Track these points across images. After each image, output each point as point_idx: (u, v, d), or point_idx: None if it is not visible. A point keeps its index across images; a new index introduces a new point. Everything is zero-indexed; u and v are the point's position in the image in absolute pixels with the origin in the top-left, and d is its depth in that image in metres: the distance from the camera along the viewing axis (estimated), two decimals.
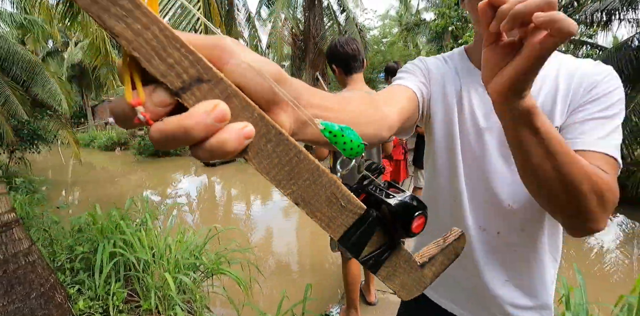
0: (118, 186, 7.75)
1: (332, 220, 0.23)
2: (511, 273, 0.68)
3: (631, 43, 6.62)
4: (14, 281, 1.37)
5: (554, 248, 0.69)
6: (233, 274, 1.96)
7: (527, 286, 0.68)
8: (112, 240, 2.07)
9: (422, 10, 13.69)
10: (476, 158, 0.66)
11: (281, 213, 5.63)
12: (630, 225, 5.01)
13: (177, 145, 0.18)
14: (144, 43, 0.16)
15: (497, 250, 0.68)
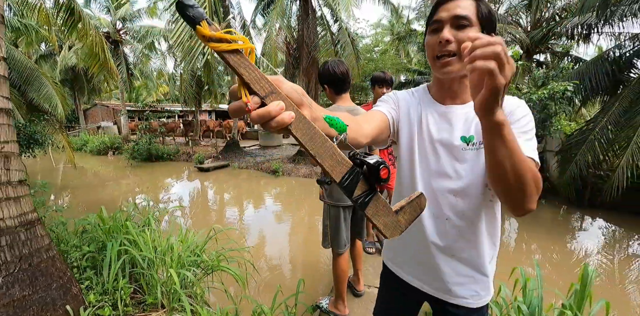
0: (112, 190, 7.81)
1: (333, 168, 0.43)
2: (456, 250, 0.88)
3: (607, 56, 7.01)
4: (37, 274, 1.52)
5: (492, 234, 0.89)
6: (232, 270, 2.13)
7: (467, 260, 0.89)
8: (118, 240, 2.22)
9: (413, 19, 14.12)
10: (430, 163, 0.88)
11: (274, 216, 5.79)
12: (608, 227, 5.31)
13: (263, 120, 0.39)
14: (252, 78, 0.39)
15: (446, 232, 0.88)
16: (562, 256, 4.15)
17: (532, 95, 4.92)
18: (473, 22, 0.76)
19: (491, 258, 0.91)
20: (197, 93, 15.74)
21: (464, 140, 0.83)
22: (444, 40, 0.76)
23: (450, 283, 0.90)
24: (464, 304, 0.91)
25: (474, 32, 0.75)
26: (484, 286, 0.91)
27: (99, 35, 5.70)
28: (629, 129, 4.92)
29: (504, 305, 1.38)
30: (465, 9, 0.76)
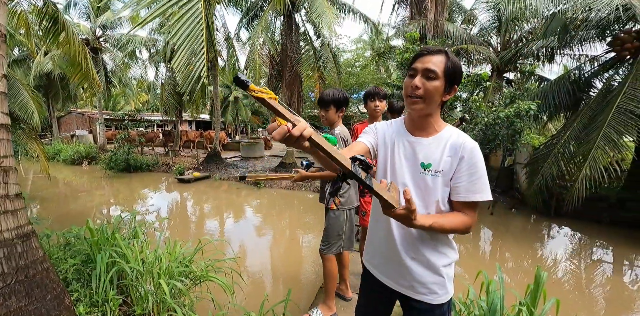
0: (86, 201, 7.59)
1: (343, 163, 0.72)
2: (416, 252, 1.09)
3: (569, 77, 7.62)
4: (33, 285, 1.54)
5: (446, 243, 1.11)
6: (220, 280, 2.20)
7: (426, 262, 1.09)
8: (107, 252, 2.25)
9: (392, 36, 14.74)
10: (397, 180, 1.12)
11: (257, 227, 5.83)
12: (573, 235, 5.69)
13: (299, 132, 0.66)
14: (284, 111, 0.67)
15: (409, 238, 1.10)
16: (532, 261, 4.44)
17: (500, 113, 5.31)
18: (439, 75, 0.99)
19: (448, 263, 1.11)
20: (178, 103, 15.62)
21: (423, 166, 1.06)
22: (414, 86, 1.01)
23: (412, 280, 1.11)
24: (424, 300, 1.10)
25: (440, 83, 1.00)
26: (441, 286, 1.10)
27: (82, 44, 5.68)
28: (588, 144, 5.35)
29: (470, 305, 1.56)
30: (434, 65, 0.99)
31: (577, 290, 3.64)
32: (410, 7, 10.03)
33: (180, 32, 1.59)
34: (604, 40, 6.96)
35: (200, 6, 1.62)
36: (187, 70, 1.71)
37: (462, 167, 1.01)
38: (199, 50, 1.64)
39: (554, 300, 1.50)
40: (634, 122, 5.05)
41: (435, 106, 1.04)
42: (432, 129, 1.07)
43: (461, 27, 10.74)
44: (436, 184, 1.04)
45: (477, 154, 1.02)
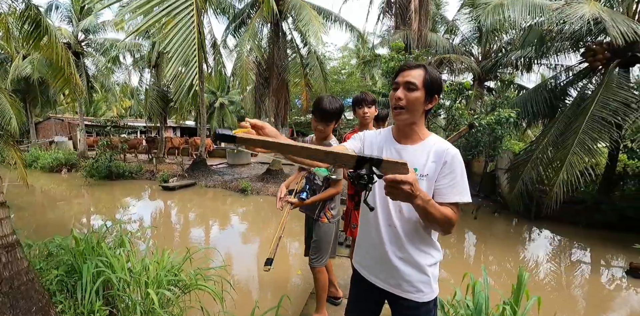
0: (65, 210, 7.35)
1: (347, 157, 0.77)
2: (403, 252, 1.17)
3: (546, 85, 7.96)
4: (18, 296, 1.50)
5: (431, 243, 1.19)
6: (210, 288, 2.19)
7: (412, 262, 1.16)
8: (93, 262, 2.20)
9: (378, 45, 15.06)
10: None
11: (244, 234, 5.78)
12: (553, 237, 5.89)
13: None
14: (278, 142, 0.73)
15: (396, 238, 1.17)
16: (515, 264, 4.56)
17: (481, 120, 5.50)
18: (419, 87, 1.09)
19: (433, 262, 1.19)
20: (163, 109, 15.41)
21: None
22: (397, 97, 1.11)
23: (400, 279, 1.18)
24: (411, 298, 1.17)
25: (420, 94, 1.10)
26: (427, 285, 1.17)
27: (65, 49, 5.57)
28: (564, 149, 5.59)
29: (457, 305, 1.61)
30: (414, 78, 1.10)
31: (557, 289, 3.77)
32: (395, 17, 10.31)
33: (174, 41, 1.61)
34: (578, 51, 7.33)
35: (193, 15, 1.65)
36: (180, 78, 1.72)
37: (444, 171, 1.09)
38: (191, 59, 1.66)
39: (536, 298, 1.58)
40: (607, 129, 5.32)
41: (418, 115, 1.13)
42: (417, 137, 1.16)
43: (444, 37, 11.09)
44: (421, 187, 1.10)
45: (458, 159, 1.11)
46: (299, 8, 8.91)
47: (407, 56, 5.86)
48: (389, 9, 11.09)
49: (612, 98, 5.52)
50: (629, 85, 5.77)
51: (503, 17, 6.42)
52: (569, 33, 6.50)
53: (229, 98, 25.95)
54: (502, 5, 6.48)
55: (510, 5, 6.40)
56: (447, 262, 4.69)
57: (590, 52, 6.41)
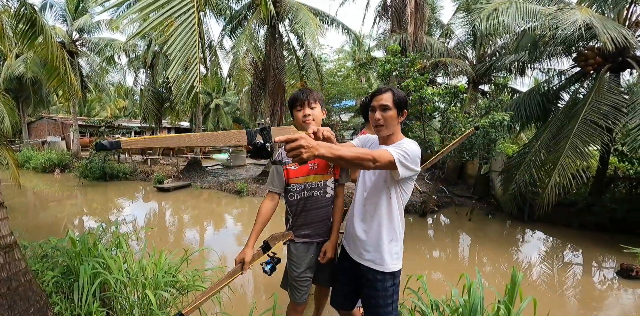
0: (58, 211, 7.28)
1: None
2: (367, 226, 1.49)
3: (539, 89, 8.07)
4: (16, 297, 1.49)
5: (391, 221, 1.45)
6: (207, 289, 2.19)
7: (373, 235, 1.47)
8: (90, 263, 2.20)
9: (374, 48, 15.16)
10: (363, 175, 1.57)
11: (240, 236, 5.77)
12: (546, 239, 5.96)
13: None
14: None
15: (364, 212, 1.51)
16: (509, 264, 4.62)
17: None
18: (391, 107, 1.39)
19: (391, 239, 1.46)
20: (158, 110, 15.34)
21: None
22: (377, 119, 1.43)
23: (361, 248, 1.50)
24: (370, 265, 1.47)
25: (393, 112, 1.40)
26: (381, 256, 1.45)
27: (60, 48, 5.53)
28: (557, 152, 5.68)
29: (453, 305, 1.64)
30: (386, 100, 1.40)
31: (551, 289, 3.82)
32: (391, 20, 10.40)
33: (175, 43, 1.62)
34: (570, 55, 7.47)
35: (194, 17, 1.66)
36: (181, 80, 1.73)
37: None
38: (192, 61, 1.67)
39: (531, 299, 1.61)
40: (598, 133, 5.42)
41: (393, 128, 1.43)
42: (391, 142, 1.47)
43: (439, 41, 11.21)
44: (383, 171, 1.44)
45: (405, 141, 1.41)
46: (295, 10, 8.95)
47: (403, 59, 5.92)
48: (385, 12, 11.19)
49: (603, 102, 5.63)
50: (619, 90, 5.89)
51: (497, 21, 6.51)
52: (561, 38, 6.61)
53: (225, 99, 25.89)
54: (496, 10, 6.57)
55: (504, 10, 6.49)
56: (441, 263, 4.73)
57: (582, 57, 6.53)
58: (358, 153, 1.12)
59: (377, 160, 1.18)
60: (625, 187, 7.26)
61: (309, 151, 0.94)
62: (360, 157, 1.13)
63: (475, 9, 8.09)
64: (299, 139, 0.93)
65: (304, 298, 1.82)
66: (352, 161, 1.11)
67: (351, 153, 1.09)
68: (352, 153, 1.09)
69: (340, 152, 1.05)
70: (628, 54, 6.13)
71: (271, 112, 10.01)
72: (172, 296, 2.12)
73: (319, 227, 1.78)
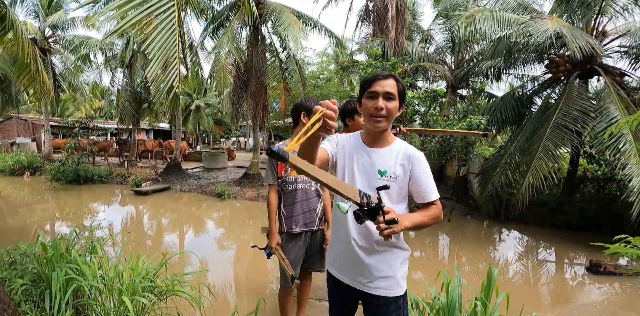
0: (28, 216, 6.94)
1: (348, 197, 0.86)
2: (372, 251, 1.21)
3: (514, 94, 8.39)
4: None
5: (398, 241, 1.23)
6: (188, 293, 2.14)
7: (380, 260, 1.22)
8: (62, 270, 2.11)
9: (356, 51, 15.34)
10: (354, 184, 1.23)
11: (221, 239, 5.68)
12: (521, 237, 6.18)
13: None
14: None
15: (365, 234, 1.21)
16: (486, 262, 4.76)
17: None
18: (396, 96, 1.16)
19: (402, 260, 1.25)
20: (136, 111, 14.88)
21: (379, 172, 1.20)
22: (379, 107, 1.14)
23: (369, 276, 1.21)
24: (380, 294, 1.21)
25: (397, 103, 1.18)
26: (395, 281, 1.22)
27: (31, 45, 5.30)
28: (530, 155, 5.92)
29: (432, 303, 1.68)
30: (392, 88, 1.16)
31: (525, 285, 3.97)
32: (373, 25, 10.57)
33: (155, 41, 1.59)
34: (542, 62, 7.81)
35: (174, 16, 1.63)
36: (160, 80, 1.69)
37: (416, 175, 1.20)
38: (172, 61, 1.64)
39: (505, 294, 1.67)
40: (569, 136, 5.69)
41: (391, 122, 1.22)
42: (385, 141, 1.24)
43: (419, 46, 11.47)
44: (392, 188, 1.18)
45: (425, 162, 1.23)
46: (278, 12, 8.95)
47: (384, 63, 6.03)
48: (367, 17, 11.36)
49: (573, 107, 5.91)
50: (587, 96, 6.21)
51: (474, 28, 6.74)
52: (534, 45, 6.91)
53: (206, 100, 25.47)
54: (473, 18, 6.80)
55: (481, 17, 6.72)
56: (422, 263, 4.82)
57: (553, 64, 6.85)
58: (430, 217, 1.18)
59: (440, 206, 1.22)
60: (593, 188, 7.64)
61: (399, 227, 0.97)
62: (433, 220, 1.18)
63: (454, 15, 8.34)
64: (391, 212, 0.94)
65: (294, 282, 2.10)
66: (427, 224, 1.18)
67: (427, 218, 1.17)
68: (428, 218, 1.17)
69: (417, 219, 1.14)
70: (595, 61, 6.47)
71: (253, 114, 9.93)
72: (151, 302, 2.06)
73: (306, 217, 2.10)
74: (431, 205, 1.20)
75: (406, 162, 1.20)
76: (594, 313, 3.35)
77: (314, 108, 0.77)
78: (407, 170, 1.19)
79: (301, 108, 2.02)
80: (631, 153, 4.84)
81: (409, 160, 1.19)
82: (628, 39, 6.73)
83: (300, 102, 2.08)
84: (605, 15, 6.64)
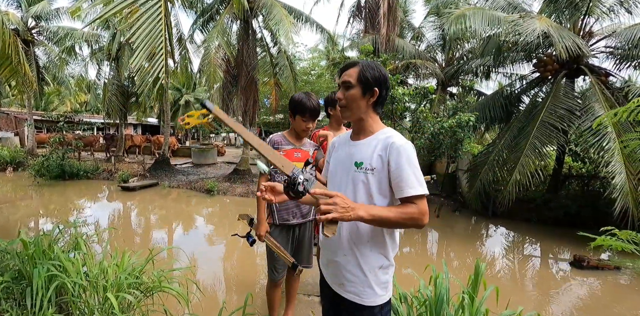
0: (10, 213, 6.75)
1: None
2: (347, 250, 1.14)
3: (502, 92, 8.50)
4: None
5: (380, 245, 1.13)
6: (174, 289, 2.11)
7: (355, 262, 1.13)
8: (44, 266, 2.05)
9: (347, 48, 15.29)
10: (334, 178, 1.24)
11: (208, 236, 5.63)
12: (508, 233, 6.30)
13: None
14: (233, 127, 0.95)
15: (340, 233, 1.14)
16: (474, 258, 4.84)
17: (444, 123, 5.78)
18: (354, 84, 1.12)
19: (379, 266, 1.13)
20: (123, 105, 14.57)
21: (356, 164, 1.14)
22: (338, 98, 1.17)
23: (342, 278, 1.15)
24: (351, 299, 1.13)
25: (356, 91, 1.13)
26: (369, 288, 1.11)
27: (13, 35, 5.10)
28: (517, 152, 6.02)
29: (420, 297, 1.70)
30: (349, 76, 1.13)
31: (511, 279, 4.07)
32: (365, 21, 10.54)
33: (139, 31, 1.53)
34: (530, 61, 7.92)
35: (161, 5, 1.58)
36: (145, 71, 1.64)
37: (392, 165, 1.06)
38: (158, 51, 1.59)
39: (494, 287, 1.70)
40: (555, 134, 5.80)
41: (361, 111, 1.14)
42: (367, 132, 1.17)
43: (410, 43, 11.51)
44: (369, 180, 1.10)
45: (404, 151, 1.06)
46: (270, 6, 8.84)
47: (375, 59, 6.03)
48: (359, 13, 11.33)
49: (559, 106, 6.02)
50: (573, 95, 6.33)
51: (465, 26, 6.78)
52: (522, 44, 7.00)
53: (195, 95, 25.10)
54: (464, 16, 6.83)
55: (471, 15, 6.76)
56: (411, 258, 4.87)
57: (541, 63, 6.95)
58: (402, 216, 1.01)
59: (423, 207, 1.04)
60: (578, 185, 7.83)
61: (345, 212, 0.91)
62: (406, 219, 1.02)
63: (445, 13, 8.37)
64: (336, 197, 0.91)
65: (281, 275, 2.14)
66: (399, 223, 1.03)
67: (398, 215, 1.00)
68: (399, 216, 1.00)
69: (381, 213, 0.99)
70: (582, 61, 6.59)
71: (243, 109, 9.83)
72: (136, 298, 2.03)
73: (297, 209, 2.11)
74: (409, 203, 1.04)
75: (384, 152, 1.08)
76: (578, 305, 3.44)
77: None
78: (384, 161, 1.08)
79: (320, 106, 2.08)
80: (614, 151, 4.96)
81: (386, 150, 1.08)
82: (614, 39, 6.86)
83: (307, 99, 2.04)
84: (592, 16, 6.76)
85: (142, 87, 1.98)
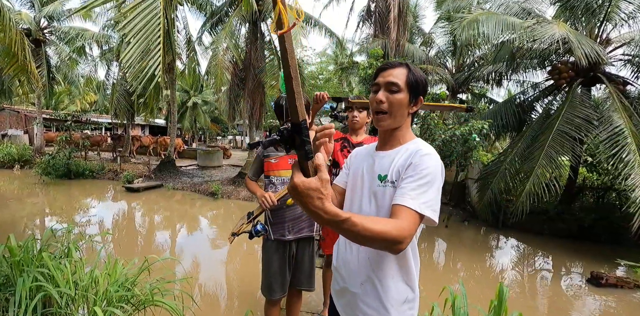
0: (15, 210, 6.70)
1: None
2: (363, 277, 0.98)
3: (515, 100, 8.29)
4: None
5: (404, 271, 0.97)
6: (167, 303, 1.97)
7: (373, 292, 0.96)
8: (31, 274, 1.93)
9: (356, 52, 15.21)
10: (356, 191, 1.07)
11: (211, 241, 5.50)
12: (519, 246, 6.06)
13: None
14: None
15: (357, 258, 1.00)
16: (483, 272, 4.62)
17: (456, 131, 5.60)
18: (402, 88, 0.95)
19: (404, 300, 0.96)
20: (131, 105, 14.59)
21: (379, 178, 0.99)
22: (378, 100, 0.96)
23: (358, 311, 0.98)
24: None
25: (404, 96, 0.96)
26: None
27: (20, 33, 5.09)
28: (531, 162, 5.81)
29: None
30: (396, 77, 0.95)
31: (525, 298, 3.83)
32: (374, 26, 10.42)
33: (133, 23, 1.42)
34: (545, 69, 7.72)
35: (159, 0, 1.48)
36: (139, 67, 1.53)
37: (407, 172, 0.91)
38: (154, 47, 1.48)
39: (517, 314, 1.52)
40: (571, 144, 5.58)
41: (402, 119, 0.99)
42: (397, 142, 1.02)
43: (420, 48, 11.36)
44: (387, 195, 0.95)
45: (427, 161, 0.90)
46: None
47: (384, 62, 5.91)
48: (368, 17, 11.21)
49: (575, 114, 5.81)
50: (590, 103, 6.11)
51: (477, 32, 6.61)
52: (537, 51, 6.81)
53: (203, 97, 25.21)
54: (476, 21, 6.68)
55: (484, 21, 6.60)
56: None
57: (555, 71, 6.74)
58: (379, 223, 0.75)
59: (406, 226, 0.80)
60: (592, 197, 7.55)
61: (320, 194, 0.65)
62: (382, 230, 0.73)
63: (457, 18, 8.22)
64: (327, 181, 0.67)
65: (278, 295, 1.96)
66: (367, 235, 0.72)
67: (370, 223, 0.73)
68: (371, 223, 0.73)
69: (354, 219, 0.70)
70: (599, 69, 6.38)
71: (250, 113, 9.75)
72: (126, 313, 1.89)
73: (293, 224, 1.93)
74: (398, 215, 0.83)
75: (405, 160, 0.94)
76: None
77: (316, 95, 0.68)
78: (403, 169, 0.93)
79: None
80: (635, 163, 4.74)
81: (408, 158, 0.93)
82: (632, 47, 6.65)
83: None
84: (610, 23, 6.56)
85: (136, 85, 1.86)
